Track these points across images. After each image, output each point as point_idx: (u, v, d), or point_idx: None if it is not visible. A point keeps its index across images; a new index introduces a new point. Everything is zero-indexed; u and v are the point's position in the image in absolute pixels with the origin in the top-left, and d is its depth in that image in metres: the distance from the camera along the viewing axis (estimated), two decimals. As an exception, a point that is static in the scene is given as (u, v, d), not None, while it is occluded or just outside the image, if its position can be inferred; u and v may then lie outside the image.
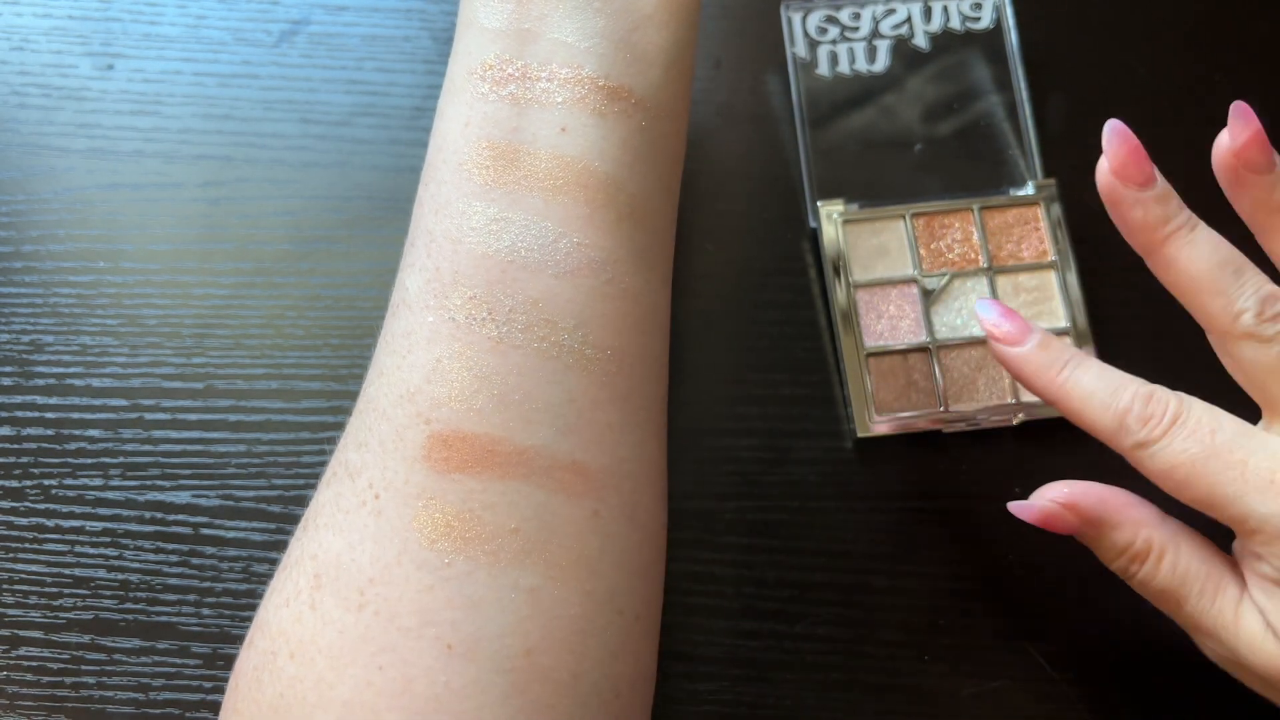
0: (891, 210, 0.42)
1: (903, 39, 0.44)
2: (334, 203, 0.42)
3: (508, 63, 0.31)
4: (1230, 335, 0.30)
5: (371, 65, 0.44)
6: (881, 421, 0.39)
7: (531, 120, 0.31)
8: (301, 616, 0.27)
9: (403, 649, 0.26)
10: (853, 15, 0.44)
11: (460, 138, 0.31)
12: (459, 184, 0.30)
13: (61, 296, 0.41)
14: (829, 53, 0.44)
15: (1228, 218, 0.43)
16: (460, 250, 0.30)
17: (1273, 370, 0.29)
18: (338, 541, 0.28)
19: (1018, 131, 0.43)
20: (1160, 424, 0.30)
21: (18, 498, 0.39)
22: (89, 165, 0.43)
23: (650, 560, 0.30)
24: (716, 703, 0.37)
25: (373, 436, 0.29)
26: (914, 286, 0.41)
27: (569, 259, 0.30)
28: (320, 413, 0.40)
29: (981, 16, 0.44)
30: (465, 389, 0.28)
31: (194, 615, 0.38)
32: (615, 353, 0.30)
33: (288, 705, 0.26)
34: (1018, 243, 0.41)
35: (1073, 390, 0.31)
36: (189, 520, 0.38)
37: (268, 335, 0.41)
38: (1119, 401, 0.30)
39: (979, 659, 0.38)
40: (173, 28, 0.44)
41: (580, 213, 0.30)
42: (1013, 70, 0.43)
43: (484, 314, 0.29)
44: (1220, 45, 0.45)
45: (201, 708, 0.37)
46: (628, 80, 0.31)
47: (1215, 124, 0.44)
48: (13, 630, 0.37)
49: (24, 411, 0.40)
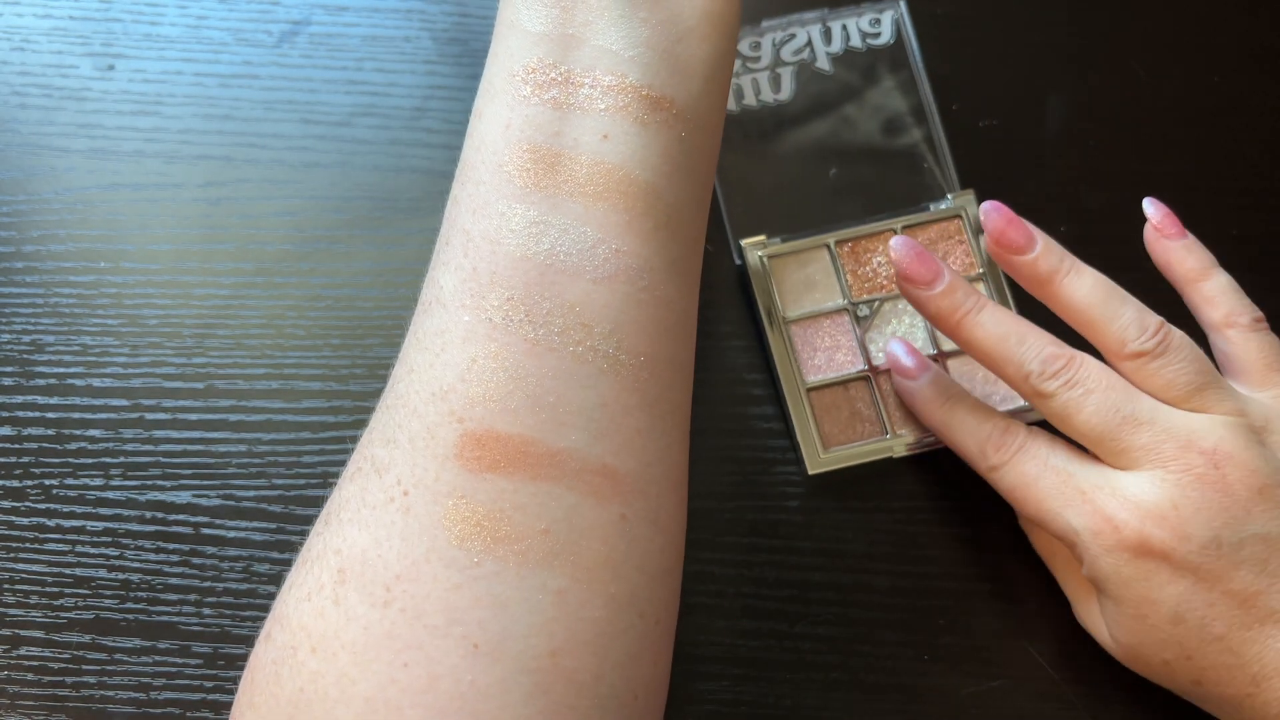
0: (814, 240, 0.41)
1: (805, 63, 0.43)
2: (334, 203, 0.42)
3: (551, 67, 0.31)
4: (1029, 395, 0.35)
5: (372, 66, 0.44)
6: (830, 457, 0.39)
7: (573, 125, 0.31)
8: (324, 611, 0.27)
9: (429, 647, 0.26)
10: (752, 45, 0.43)
11: (500, 139, 0.31)
12: (498, 185, 0.30)
13: (62, 296, 0.41)
14: (734, 86, 0.43)
15: (1221, 216, 0.44)
16: (499, 251, 0.30)
17: (1061, 419, 0.34)
18: (363, 537, 0.28)
19: (930, 144, 0.42)
20: (1009, 450, 0.35)
21: (19, 497, 0.39)
22: (90, 165, 0.43)
23: (671, 565, 0.31)
24: (716, 702, 0.37)
25: (402, 433, 0.29)
26: (846, 315, 0.41)
27: (607, 264, 0.30)
28: (320, 413, 0.40)
29: (881, 31, 0.43)
30: (500, 389, 0.28)
31: (195, 615, 0.38)
32: (647, 359, 0.30)
33: (308, 700, 0.26)
34: (944, 257, 0.41)
35: (949, 419, 0.37)
36: (190, 520, 0.39)
37: (268, 335, 0.41)
38: (981, 432, 0.36)
39: (979, 659, 0.38)
40: (173, 28, 0.44)
41: (619, 220, 0.30)
42: (919, 82, 0.43)
43: (521, 315, 0.29)
44: (1220, 45, 0.45)
45: (202, 707, 0.37)
46: (670, 91, 0.32)
47: (1213, 124, 0.44)
48: (14, 630, 0.37)
49: (25, 411, 0.40)
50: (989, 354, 0.35)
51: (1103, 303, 0.34)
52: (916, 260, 0.36)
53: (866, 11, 0.43)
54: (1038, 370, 0.34)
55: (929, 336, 0.41)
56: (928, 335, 0.41)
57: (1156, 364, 0.34)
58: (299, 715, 0.26)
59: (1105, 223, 0.42)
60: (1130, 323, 0.34)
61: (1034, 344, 0.34)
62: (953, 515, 0.39)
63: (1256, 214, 0.43)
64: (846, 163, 0.43)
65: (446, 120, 0.44)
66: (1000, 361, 0.35)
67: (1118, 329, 0.34)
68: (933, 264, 0.35)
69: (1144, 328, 0.34)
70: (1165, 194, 0.39)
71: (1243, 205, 0.43)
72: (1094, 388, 0.33)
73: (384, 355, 0.40)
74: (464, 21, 0.45)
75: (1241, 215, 0.43)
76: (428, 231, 0.35)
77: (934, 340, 0.41)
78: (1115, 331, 0.34)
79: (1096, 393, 0.33)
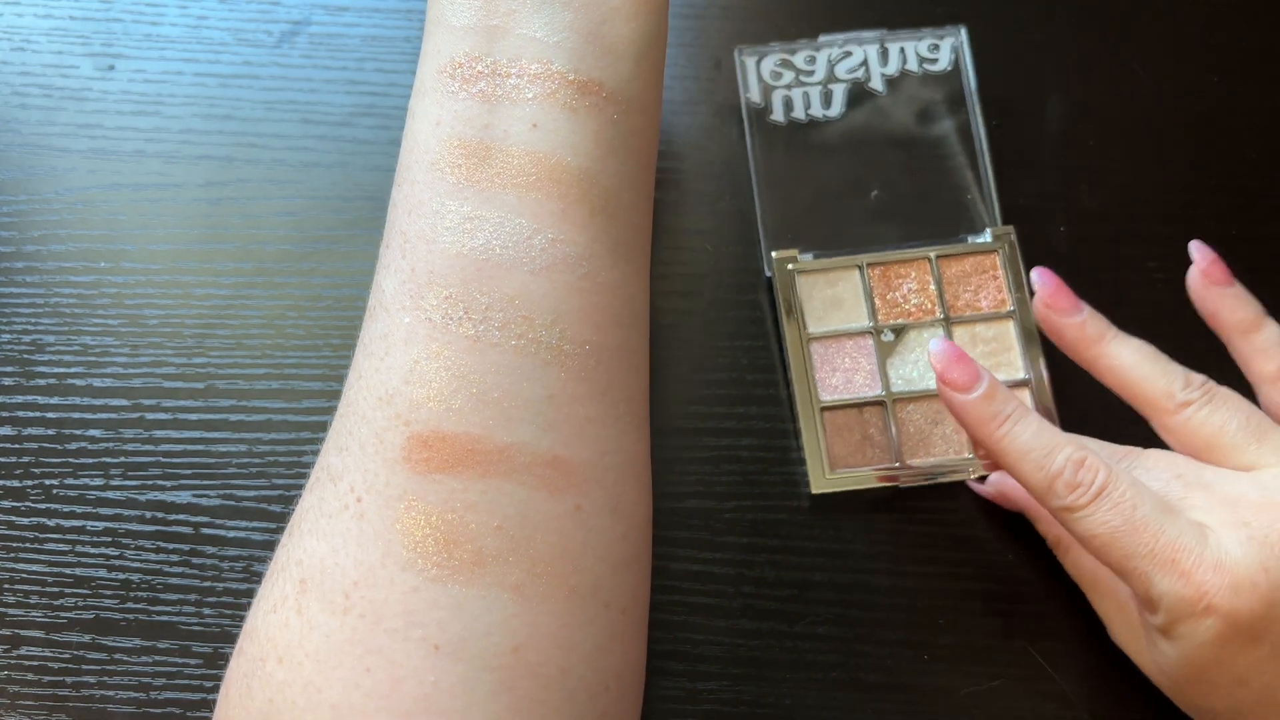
0: (846, 260, 0.41)
1: (859, 82, 0.43)
2: (335, 203, 0.42)
3: (477, 60, 0.31)
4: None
5: (372, 66, 0.44)
6: (835, 478, 0.39)
7: (502, 117, 0.30)
8: (288, 622, 0.27)
9: (389, 650, 0.26)
10: (808, 59, 0.43)
11: (432, 137, 0.31)
12: (432, 183, 0.30)
13: (63, 296, 0.41)
14: (784, 98, 0.43)
15: (1222, 216, 0.44)
16: (435, 250, 0.30)
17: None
18: (322, 546, 0.28)
19: (976, 176, 0.42)
20: (1088, 492, 0.31)
21: (19, 497, 0.39)
22: (90, 165, 0.43)
23: (635, 552, 0.30)
24: (716, 702, 0.37)
25: (353, 440, 0.29)
26: (869, 338, 0.40)
27: (544, 255, 0.30)
28: (320, 413, 0.40)
29: (939, 58, 0.43)
30: (443, 389, 0.28)
31: (195, 615, 0.38)
32: (594, 347, 0.30)
33: (277, 710, 0.26)
34: (975, 292, 0.41)
35: (1009, 446, 0.33)
36: (190, 520, 0.39)
37: (269, 335, 0.41)
38: (1052, 464, 0.32)
39: (979, 659, 0.38)
40: (174, 28, 0.44)
41: (554, 208, 0.30)
42: (971, 113, 0.42)
43: (460, 313, 0.29)
44: (1220, 46, 0.45)
45: (202, 707, 0.37)
46: (598, 74, 0.31)
47: (1213, 125, 0.44)
48: (14, 630, 0.37)
49: (25, 411, 0.40)
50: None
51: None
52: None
53: (926, 37, 0.43)
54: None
55: None
56: None
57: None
58: None
59: (1105, 223, 0.42)
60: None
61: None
62: (952, 515, 0.39)
63: (1257, 214, 0.43)
64: (888, 185, 0.42)
65: (447, 120, 0.43)
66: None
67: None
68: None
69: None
70: (1165, 194, 0.39)
71: (1243, 205, 0.43)
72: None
73: (384, 355, 0.40)
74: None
75: (1242, 215, 0.43)
76: (428, 231, 0.36)
77: None
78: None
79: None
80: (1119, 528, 0.31)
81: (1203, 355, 0.35)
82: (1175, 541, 0.30)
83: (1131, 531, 0.30)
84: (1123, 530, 0.31)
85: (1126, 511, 0.31)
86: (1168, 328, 0.36)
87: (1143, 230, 0.42)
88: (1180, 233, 0.38)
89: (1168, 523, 0.31)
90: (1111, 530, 0.31)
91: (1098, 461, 0.31)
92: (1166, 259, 0.41)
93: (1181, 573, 0.30)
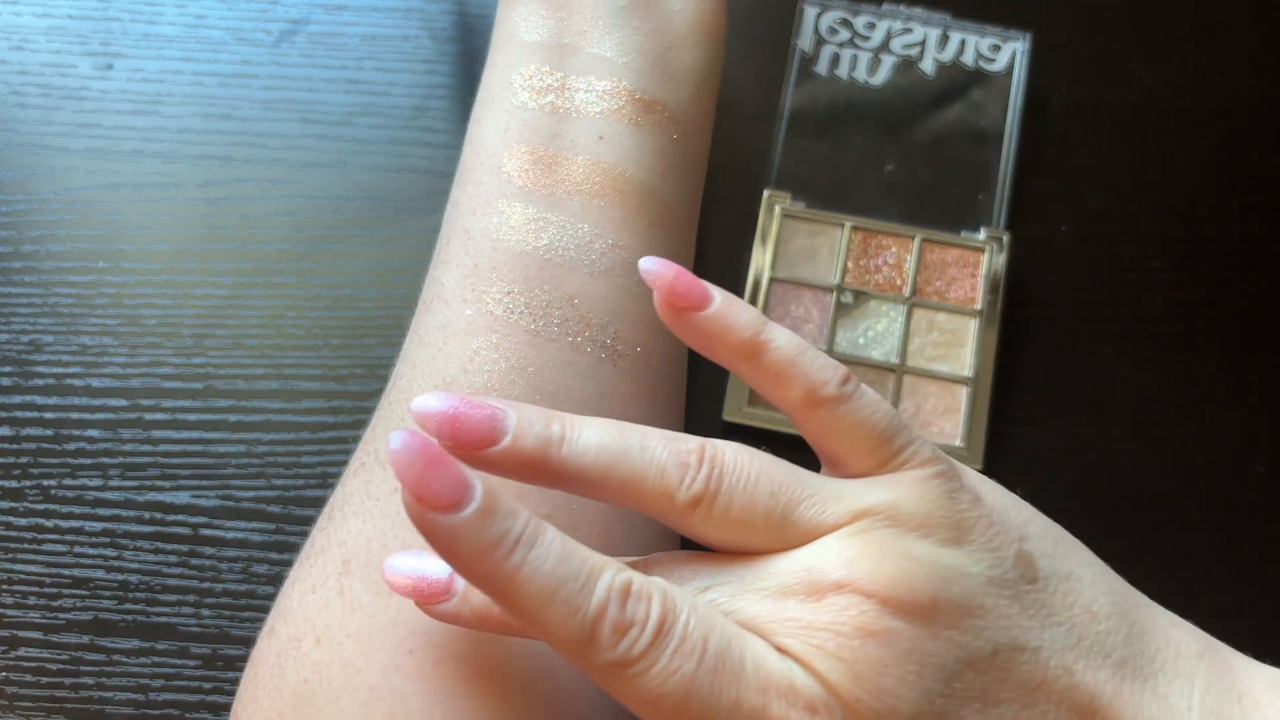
0: (834, 217, 0.42)
1: (909, 60, 0.44)
2: (334, 202, 0.42)
3: (547, 74, 0.33)
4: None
5: (371, 65, 0.44)
6: (751, 412, 0.39)
7: (570, 128, 0.32)
8: (329, 602, 0.27)
9: (435, 633, 0.26)
10: (868, 24, 0.44)
11: (499, 142, 0.32)
12: (498, 185, 0.32)
13: (61, 296, 0.41)
14: (832, 54, 0.43)
15: (1223, 216, 0.44)
16: (499, 247, 0.31)
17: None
18: (368, 528, 0.28)
19: (993, 180, 0.42)
20: (643, 634, 0.22)
21: (17, 498, 0.39)
22: (89, 165, 0.43)
23: (670, 548, 0.31)
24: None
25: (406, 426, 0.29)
26: (830, 295, 0.41)
27: (604, 259, 0.31)
28: (320, 413, 0.40)
29: (997, 59, 0.43)
30: (502, 378, 0.29)
31: (193, 616, 0.37)
32: (644, 350, 0.31)
33: (312, 691, 0.26)
34: (949, 283, 0.41)
35: (526, 584, 0.21)
36: (188, 520, 0.38)
37: (267, 335, 0.41)
38: (591, 600, 0.21)
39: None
40: (172, 27, 0.44)
41: (615, 216, 0.32)
42: (1010, 121, 0.43)
43: (522, 307, 0.30)
44: (1222, 45, 0.45)
45: (201, 708, 0.37)
46: (662, 95, 0.33)
47: (1213, 125, 0.44)
48: (12, 631, 0.37)
49: (23, 412, 0.40)
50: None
51: (802, 351, 0.26)
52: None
53: (990, 35, 0.43)
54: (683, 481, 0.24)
55: (899, 344, 0.40)
56: (899, 342, 0.40)
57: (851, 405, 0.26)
58: (302, 706, 0.26)
59: (1105, 223, 0.42)
60: (825, 365, 0.26)
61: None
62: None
63: (1258, 214, 0.43)
64: (904, 164, 0.43)
65: (446, 120, 0.43)
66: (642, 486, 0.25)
67: (815, 372, 0.25)
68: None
69: (838, 370, 0.26)
70: (1166, 194, 0.39)
71: (1243, 205, 0.43)
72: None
73: (383, 355, 0.40)
74: (463, 21, 0.45)
75: (1243, 215, 0.43)
76: (427, 231, 0.35)
77: (903, 350, 0.40)
78: (814, 374, 0.26)
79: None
80: (692, 676, 0.21)
81: (1208, 356, 0.35)
82: (766, 682, 0.22)
83: (711, 675, 0.22)
84: (700, 678, 0.21)
85: (698, 648, 0.22)
86: (1170, 328, 0.36)
87: (1145, 230, 0.42)
88: (1183, 233, 0.38)
89: (748, 655, 0.22)
90: (686, 682, 0.21)
91: (644, 582, 0.22)
92: (1169, 259, 0.41)
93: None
